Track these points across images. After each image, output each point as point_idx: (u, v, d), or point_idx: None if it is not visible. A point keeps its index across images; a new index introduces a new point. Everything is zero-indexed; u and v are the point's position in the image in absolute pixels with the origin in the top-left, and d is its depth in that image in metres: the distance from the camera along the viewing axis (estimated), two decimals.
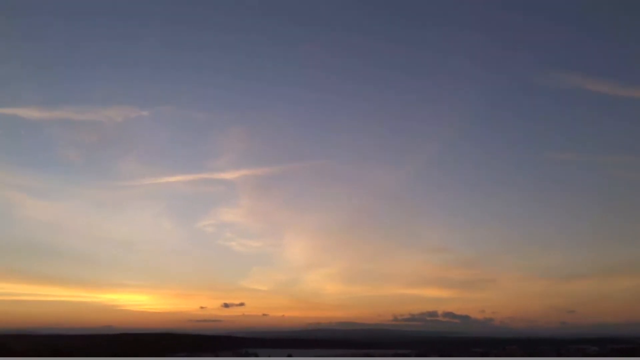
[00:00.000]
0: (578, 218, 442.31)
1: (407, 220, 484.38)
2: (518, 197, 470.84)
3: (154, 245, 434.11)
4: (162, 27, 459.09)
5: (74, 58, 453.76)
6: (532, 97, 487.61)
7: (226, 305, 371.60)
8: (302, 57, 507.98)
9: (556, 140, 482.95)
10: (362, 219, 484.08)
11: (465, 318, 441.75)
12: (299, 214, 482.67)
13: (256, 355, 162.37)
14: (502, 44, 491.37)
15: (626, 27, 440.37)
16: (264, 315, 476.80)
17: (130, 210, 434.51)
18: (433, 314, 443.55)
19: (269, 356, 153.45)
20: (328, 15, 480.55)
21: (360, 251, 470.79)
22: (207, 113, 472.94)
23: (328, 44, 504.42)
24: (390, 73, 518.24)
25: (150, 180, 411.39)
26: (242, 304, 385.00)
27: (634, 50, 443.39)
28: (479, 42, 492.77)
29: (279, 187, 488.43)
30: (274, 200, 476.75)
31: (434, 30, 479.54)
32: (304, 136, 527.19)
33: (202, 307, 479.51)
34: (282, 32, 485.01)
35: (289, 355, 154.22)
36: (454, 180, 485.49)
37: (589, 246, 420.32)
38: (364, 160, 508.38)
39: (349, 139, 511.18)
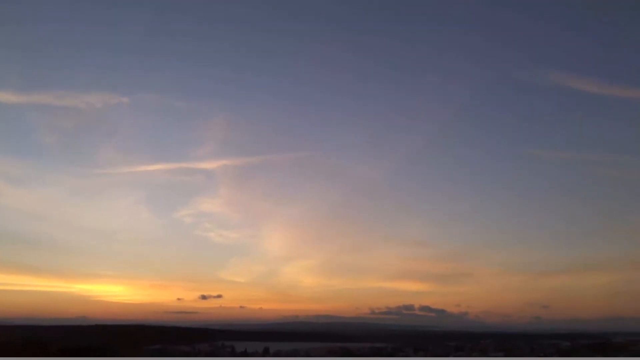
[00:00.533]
0: (556, 215, 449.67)
1: (387, 214, 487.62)
2: (497, 193, 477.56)
3: (131, 234, 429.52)
4: (145, 13, 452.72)
5: (54, 42, 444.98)
6: (516, 94, 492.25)
7: (203, 297, 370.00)
8: (285, 48, 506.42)
9: (537, 138, 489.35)
10: (341, 212, 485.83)
11: (441, 312, 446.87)
12: (278, 205, 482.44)
13: (232, 348, 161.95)
14: (487, 40, 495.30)
15: (612, 26, 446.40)
16: (241, 307, 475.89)
17: (107, 199, 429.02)
18: (410, 307, 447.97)
19: (246, 349, 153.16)
20: (312, 7, 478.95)
21: (339, 244, 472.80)
22: (188, 102, 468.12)
23: (312, 36, 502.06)
24: (373, 67, 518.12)
25: (128, 169, 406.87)
26: (219, 296, 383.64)
27: (619, 50, 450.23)
28: (463, 37, 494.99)
29: (259, 178, 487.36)
30: (254, 191, 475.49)
31: (419, 26, 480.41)
32: (285, 128, 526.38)
33: (179, 299, 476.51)
34: (265, 23, 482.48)
35: (266, 348, 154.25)
36: (434, 175, 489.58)
37: (565, 242, 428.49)
38: (345, 153, 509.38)
39: (330, 131, 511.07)
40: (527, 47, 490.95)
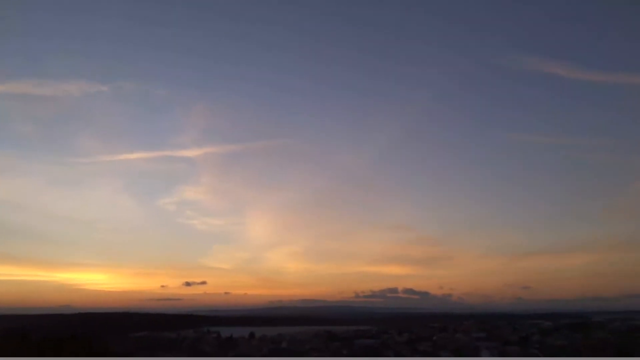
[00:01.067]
0: (536, 197, 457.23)
1: (369, 199, 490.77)
2: (478, 177, 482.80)
3: (114, 223, 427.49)
4: (125, 1, 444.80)
5: (32, 30, 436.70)
6: (497, 79, 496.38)
7: (188, 284, 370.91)
8: (265, 37, 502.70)
9: (517, 122, 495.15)
10: (324, 198, 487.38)
11: (424, 294, 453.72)
12: (261, 192, 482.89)
13: (218, 334, 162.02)
14: (465, 27, 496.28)
15: (587, 11, 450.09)
16: (226, 293, 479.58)
17: (88, 188, 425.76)
18: (394, 290, 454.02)
19: (231, 334, 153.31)
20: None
21: (323, 230, 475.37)
22: (169, 90, 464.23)
23: (292, 24, 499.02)
24: (353, 55, 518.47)
25: (109, 157, 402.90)
26: (204, 283, 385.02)
27: (594, 34, 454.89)
28: (444, 25, 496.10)
29: (242, 165, 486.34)
30: (236, 178, 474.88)
31: (398, 14, 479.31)
32: (267, 115, 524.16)
33: (163, 286, 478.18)
34: (246, 11, 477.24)
35: (252, 333, 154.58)
36: (416, 160, 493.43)
37: (545, 224, 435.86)
38: (328, 140, 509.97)
39: (312, 118, 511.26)
40: (508, 33, 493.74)
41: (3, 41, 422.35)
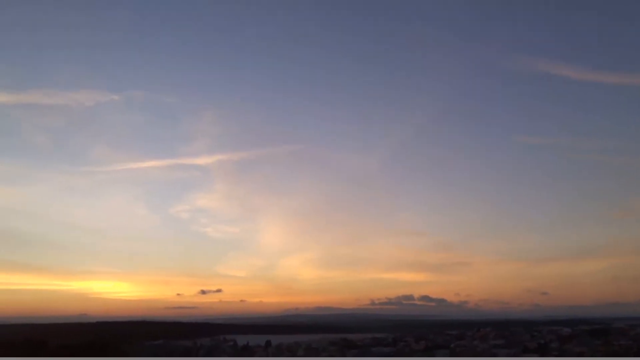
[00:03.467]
0: (552, 202, 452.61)
1: (384, 205, 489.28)
2: (492, 181, 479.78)
3: (128, 231, 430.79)
4: (134, 11, 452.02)
5: (43, 41, 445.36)
6: (504, 82, 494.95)
7: (203, 292, 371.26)
8: (275, 44, 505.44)
9: (528, 125, 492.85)
10: (338, 204, 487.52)
11: (441, 301, 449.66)
12: (274, 199, 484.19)
13: (234, 342, 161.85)
14: (471, 31, 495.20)
15: (593, 13, 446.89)
16: (241, 301, 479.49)
17: (102, 197, 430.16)
18: (409, 297, 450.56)
19: (247, 342, 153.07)
20: (300, 4, 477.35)
21: (337, 236, 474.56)
22: (180, 97, 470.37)
23: (302, 33, 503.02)
24: (362, 62, 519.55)
25: (122, 166, 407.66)
26: (219, 290, 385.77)
27: (600, 36, 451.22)
28: (448, 29, 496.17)
29: (254, 172, 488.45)
30: (249, 185, 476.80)
31: (404, 20, 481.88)
32: (279, 121, 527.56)
33: (178, 294, 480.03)
34: (256, 19, 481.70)
35: (268, 341, 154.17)
36: (429, 165, 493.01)
37: (562, 229, 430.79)
38: (340, 145, 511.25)
39: (324, 123, 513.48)
40: (511, 37, 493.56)
41: (15, 52, 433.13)
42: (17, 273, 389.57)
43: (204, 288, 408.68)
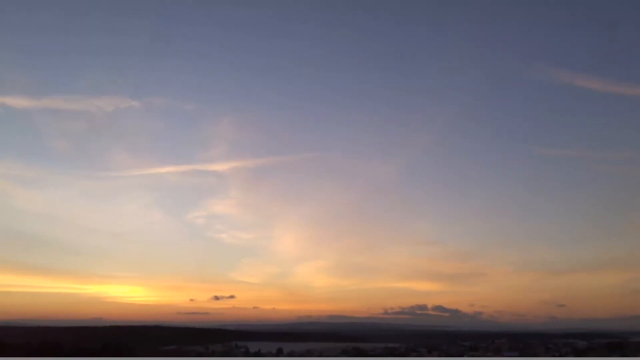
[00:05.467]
0: (569, 213, 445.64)
1: (398, 213, 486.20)
2: (509, 191, 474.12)
3: (144, 236, 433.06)
4: (154, 17, 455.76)
5: (64, 47, 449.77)
6: (523, 92, 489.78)
7: (216, 298, 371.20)
8: (293, 49, 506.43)
9: (547, 136, 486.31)
10: (353, 212, 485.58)
11: (455, 312, 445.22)
12: (289, 206, 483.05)
13: (246, 348, 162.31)
14: (493, 39, 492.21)
15: (616, 24, 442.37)
16: (254, 308, 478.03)
17: (119, 201, 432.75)
18: (423, 307, 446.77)
19: (259, 349, 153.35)
20: (320, 10, 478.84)
21: (351, 244, 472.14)
22: (198, 104, 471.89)
23: (321, 40, 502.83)
24: (381, 68, 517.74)
25: (140, 171, 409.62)
26: (232, 297, 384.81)
27: (623, 47, 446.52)
28: (470, 37, 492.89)
29: (270, 179, 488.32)
30: (265, 192, 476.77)
31: (427, 27, 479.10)
32: (295, 128, 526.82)
33: (192, 300, 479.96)
34: (275, 24, 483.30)
35: (279, 349, 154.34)
36: (445, 174, 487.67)
37: (580, 240, 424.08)
38: (355, 153, 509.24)
39: (340, 131, 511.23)
40: (533, 46, 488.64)
41: (36, 59, 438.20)
42: (35, 276, 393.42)
43: (217, 294, 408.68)
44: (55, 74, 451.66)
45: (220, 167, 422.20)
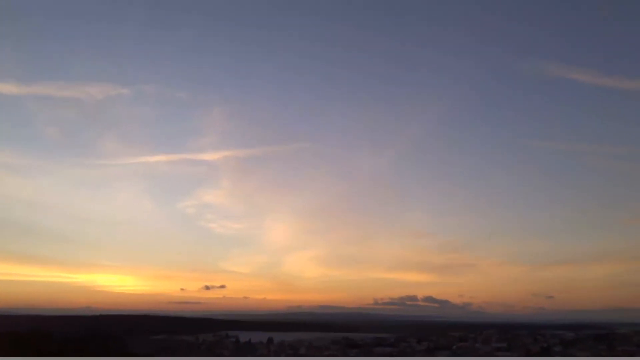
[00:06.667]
0: (559, 206, 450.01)
1: (389, 205, 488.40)
2: (498, 184, 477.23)
3: (134, 225, 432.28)
4: (145, 4, 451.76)
5: (54, 33, 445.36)
6: (514, 85, 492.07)
7: (207, 288, 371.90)
8: (286, 41, 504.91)
9: (538, 129, 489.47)
10: (343, 203, 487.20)
11: (444, 302, 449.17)
12: (280, 196, 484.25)
13: (236, 338, 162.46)
14: (485, 32, 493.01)
15: (607, 17, 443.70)
16: (245, 298, 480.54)
17: (110, 190, 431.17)
18: (413, 298, 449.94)
19: (249, 339, 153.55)
20: (313, 4, 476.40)
21: (342, 235, 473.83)
22: (190, 92, 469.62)
23: (313, 30, 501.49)
24: (372, 60, 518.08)
25: (130, 160, 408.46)
26: (223, 287, 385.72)
27: (614, 40, 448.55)
28: (461, 29, 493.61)
29: (261, 169, 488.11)
30: (256, 182, 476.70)
31: (417, 20, 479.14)
32: (287, 118, 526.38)
33: (182, 289, 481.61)
34: (268, 15, 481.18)
35: (270, 338, 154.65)
36: (436, 166, 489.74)
37: (569, 233, 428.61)
38: (347, 144, 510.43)
39: (332, 122, 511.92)
40: (523, 39, 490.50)
41: (26, 45, 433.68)
42: (24, 264, 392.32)
43: (208, 284, 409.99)
44: (45, 60, 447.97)
45: (211, 156, 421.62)
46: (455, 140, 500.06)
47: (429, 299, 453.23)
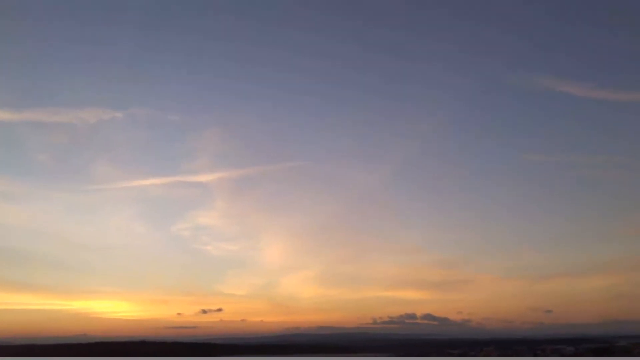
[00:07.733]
0: (555, 218, 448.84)
1: (385, 222, 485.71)
2: (494, 198, 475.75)
3: (128, 250, 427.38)
4: (136, 27, 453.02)
5: (45, 58, 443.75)
6: (509, 98, 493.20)
7: (204, 311, 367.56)
8: (277, 58, 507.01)
9: (532, 142, 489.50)
10: (339, 221, 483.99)
11: (443, 320, 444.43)
12: (275, 216, 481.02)
13: None
14: (478, 45, 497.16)
15: (597, 29, 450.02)
16: (242, 320, 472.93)
17: (103, 214, 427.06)
18: (412, 316, 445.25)
19: None
20: (305, 18, 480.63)
21: (338, 253, 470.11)
22: (182, 115, 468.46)
23: (304, 46, 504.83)
24: (366, 76, 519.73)
25: (123, 184, 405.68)
26: (220, 310, 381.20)
27: (605, 52, 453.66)
28: (454, 43, 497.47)
29: (255, 189, 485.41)
30: (250, 202, 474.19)
31: (410, 34, 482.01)
32: (280, 138, 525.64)
33: (178, 314, 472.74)
34: (259, 34, 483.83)
35: None
36: (431, 182, 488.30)
37: (566, 246, 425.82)
38: (341, 162, 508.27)
39: (325, 140, 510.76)
40: (515, 52, 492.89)
41: (17, 70, 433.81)
42: (17, 293, 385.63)
43: (205, 307, 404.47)
44: (36, 85, 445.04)
45: (205, 178, 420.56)
46: (448, 155, 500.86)
47: (427, 316, 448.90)
